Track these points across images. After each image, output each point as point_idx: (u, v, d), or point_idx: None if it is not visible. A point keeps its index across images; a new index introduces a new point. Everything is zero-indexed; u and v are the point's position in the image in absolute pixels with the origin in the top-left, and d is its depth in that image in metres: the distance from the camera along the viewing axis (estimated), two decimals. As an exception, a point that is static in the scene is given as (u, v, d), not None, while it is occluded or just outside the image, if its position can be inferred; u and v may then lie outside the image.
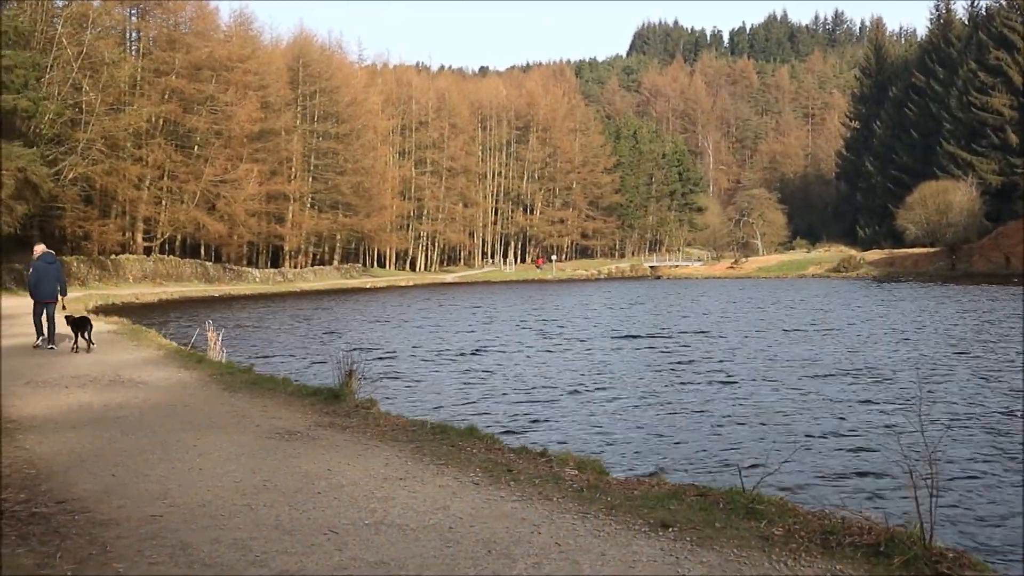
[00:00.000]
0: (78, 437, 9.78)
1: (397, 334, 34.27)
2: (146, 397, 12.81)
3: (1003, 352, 25.12)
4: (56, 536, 6.20)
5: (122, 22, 68.70)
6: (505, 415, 16.12)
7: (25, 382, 14.13)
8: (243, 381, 14.46)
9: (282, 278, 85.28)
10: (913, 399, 16.68)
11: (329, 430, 10.37)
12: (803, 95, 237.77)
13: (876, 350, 26.51)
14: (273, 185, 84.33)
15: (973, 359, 23.72)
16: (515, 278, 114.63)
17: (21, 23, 46.91)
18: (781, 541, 6.19)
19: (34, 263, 19.98)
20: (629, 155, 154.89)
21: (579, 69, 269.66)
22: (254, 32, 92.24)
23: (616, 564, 5.77)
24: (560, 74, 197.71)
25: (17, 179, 44.65)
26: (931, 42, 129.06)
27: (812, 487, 10.89)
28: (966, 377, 20.30)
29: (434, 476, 8.12)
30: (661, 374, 21.86)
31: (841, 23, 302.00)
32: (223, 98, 73.63)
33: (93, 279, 58.32)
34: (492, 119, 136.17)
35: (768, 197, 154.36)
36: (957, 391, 18.29)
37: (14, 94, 43.88)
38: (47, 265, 19.90)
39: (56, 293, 19.91)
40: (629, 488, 7.93)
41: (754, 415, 15.92)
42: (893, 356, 24.83)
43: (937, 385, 19.05)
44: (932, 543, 5.90)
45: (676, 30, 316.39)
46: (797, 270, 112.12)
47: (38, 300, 19.86)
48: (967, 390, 18.40)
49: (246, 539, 6.21)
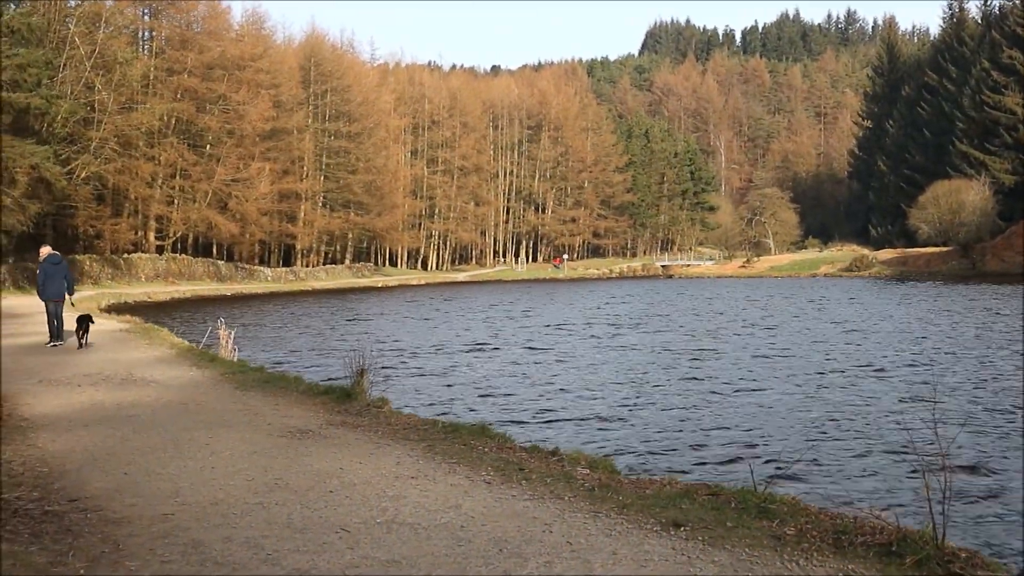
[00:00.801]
0: (90, 435, 9.82)
1: (409, 332, 34.29)
2: (158, 396, 12.84)
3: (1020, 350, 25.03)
4: (68, 534, 6.22)
5: (135, 21, 68.83)
6: (518, 412, 16.12)
7: (38, 380, 14.19)
8: (255, 380, 14.49)
9: (294, 277, 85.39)
10: (927, 398, 16.64)
11: (341, 429, 10.38)
12: (815, 94, 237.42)
13: (889, 349, 26.44)
14: (285, 184, 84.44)
15: (987, 358, 23.64)
16: (527, 277, 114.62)
17: (34, 21, 47.00)
18: (793, 541, 6.17)
19: (41, 264, 20.65)
20: (641, 154, 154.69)
21: (591, 68, 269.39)
22: (266, 31, 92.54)
23: (628, 563, 5.76)
24: (572, 73, 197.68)
25: (31, 177, 44.83)
26: (944, 41, 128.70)
27: (824, 486, 10.85)
28: (980, 376, 20.23)
29: (446, 475, 8.12)
30: (673, 372, 21.82)
31: (854, 22, 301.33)
32: (235, 97, 73.71)
33: (105, 278, 58.49)
34: (504, 118, 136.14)
35: (780, 196, 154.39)
36: (970, 390, 18.23)
37: (27, 92, 44.01)
38: (53, 266, 20.52)
39: (63, 292, 20.47)
40: (641, 487, 7.93)
41: (765, 414, 15.88)
42: (906, 355, 24.77)
43: (950, 384, 18.99)
44: (944, 543, 5.88)
45: (688, 29, 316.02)
46: (809, 269, 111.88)
47: (46, 300, 20.35)
48: (981, 388, 18.33)
49: (258, 537, 6.22)
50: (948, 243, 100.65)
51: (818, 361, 23.82)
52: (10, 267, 46.83)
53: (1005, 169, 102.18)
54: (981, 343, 27.73)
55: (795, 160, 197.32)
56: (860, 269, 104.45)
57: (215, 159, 73.00)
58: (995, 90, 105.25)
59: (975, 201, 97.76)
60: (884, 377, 20.45)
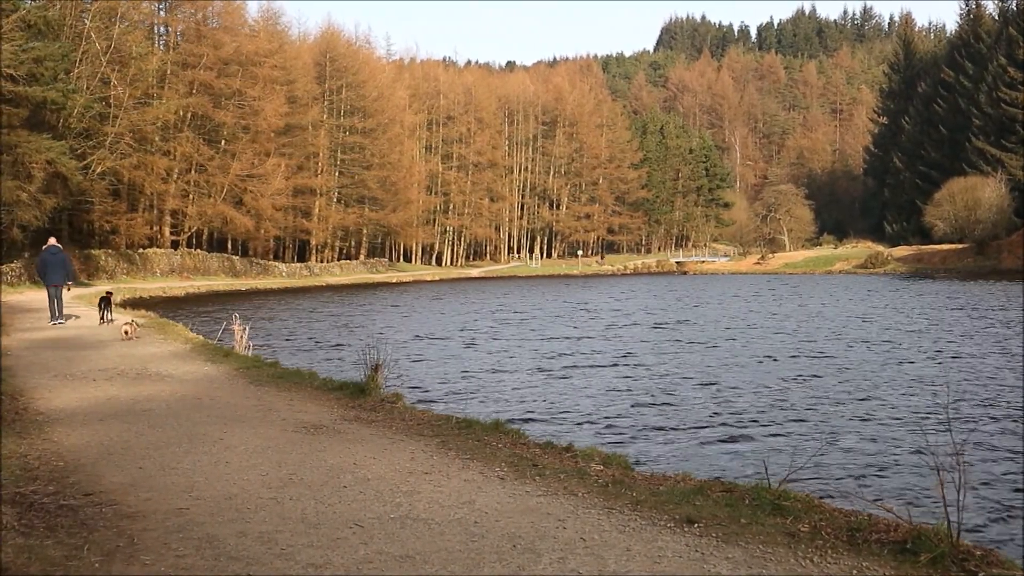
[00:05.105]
0: (106, 430, 9.84)
1: (422, 327, 34.33)
2: (173, 390, 12.87)
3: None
4: (84, 528, 6.23)
5: (150, 16, 69.02)
6: (532, 408, 16.14)
7: (53, 375, 14.24)
8: (269, 375, 14.52)
9: (308, 272, 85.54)
10: (941, 396, 16.60)
11: (355, 424, 10.40)
12: (831, 90, 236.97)
13: (903, 347, 26.38)
14: (300, 180, 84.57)
15: (1006, 355, 23.56)
16: (542, 273, 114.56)
17: (50, 15, 47.10)
18: (807, 538, 6.15)
19: (42, 255, 24.48)
20: (656, 150, 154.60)
21: (606, 64, 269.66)
22: (282, 27, 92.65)
23: (641, 560, 5.76)
24: (587, 69, 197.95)
25: (47, 172, 44.96)
26: (960, 37, 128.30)
27: (838, 483, 10.83)
28: (997, 373, 20.16)
29: (460, 470, 8.13)
30: (687, 369, 21.82)
31: (869, 18, 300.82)
32: (251, 93, 73.77)
33: (121, 273, 58.68)
34: (519, 114, 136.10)
35: (795, 193, 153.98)
36: (986, 387, 18.17)
37: (43, 86, 44.10)
38: (52, 256, 23.99)
39: (63, 279, 24.19)
40: (655, 483, 7.92)
41: (780, 411, 15.87)
42: (921, 352, 24.72)
43: (966, 381, 18.94)
44: (959, 541, 5.86)
45: (703, 25, 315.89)
46: (824, 266, 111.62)
47: (48, 285, 24.19)
48: (997, 386, 18.28)
49: (272, 532, 6.23)
50: (964, 240, 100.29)
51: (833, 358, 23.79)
52: (26, 262, 46.90)
53: (1021, 166, 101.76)
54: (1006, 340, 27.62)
55: (810, 156, 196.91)
56: (875, 266, 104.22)
57: (230, 154, 73.11)
58: (1012, 87, 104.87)
59: (991, 198, 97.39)
60: (899, 375, 20.42)
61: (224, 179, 71.29)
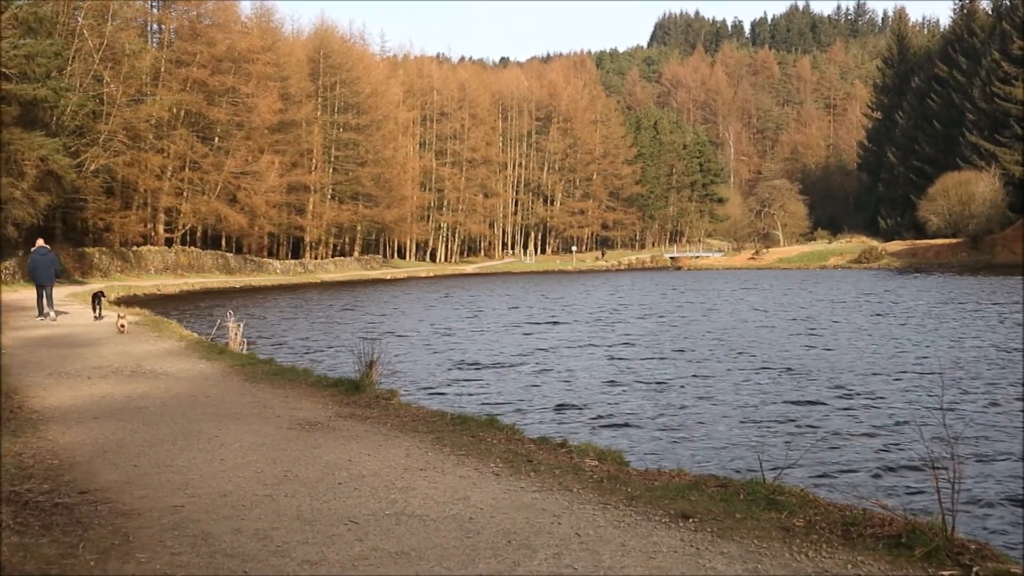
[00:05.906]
0: (100, 428, 9.83)
1: (417, 323, 34.34)
2: (168, 388, 12.86)
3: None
4: (79, 526, 6.23)
5: (143, 14, 68.96)
6: (527, 405, 16.15)
7: (48, 373, 14.22)
8: (264, 372, 14.52)
9: (303, 269, 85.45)
10: (936, 390, 16.63)
11: (350, 421, 10.40)
12: (825, 86, 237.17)
13: (899, 342, 26.44)
14: (294, 176, 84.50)
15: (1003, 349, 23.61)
16: (536, 269, 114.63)
17: (42, 12, 46.95)
18: (802, 532, 6.16)
19: (32, 255, 25.27)
20: (650, 146, 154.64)
21: (600, 60, 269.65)
22: (275, 24, 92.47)
23: (636, 555, 5.76)
24: (581, 65, 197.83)
25: (40, 170, 44.84)
26: (954, 32, 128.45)
27: (833, 478, 10.86)
28: (992, 368, 20.20)
29: (455, 467, 8.13)
30: (683, 366, 21.85)
31: (863, 13, 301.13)
32: (244, 90, 73.69)
33: (115, 270, 58.62)
34: (513, 110, 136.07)
35: (789, 188, 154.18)
36: (981, 383, 18.20)
37: (35, 84, 43.98)
38: (41, 256, 24.78)
39: (52, 278, 24.98)
40: (649, 479, 7.93)
41: (775, 407, 15.89)
42: (915, 348, 24.77)
43: (960, 377, 18.97)
44: (954, 535, 5.87)
45: (697, 20, 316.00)
46: (818, 261, 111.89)
47: (37, 284, 24.92)
48: (992, 382, 18.31)
49: (267, 529, 6.23)
50: (958, 235, 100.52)
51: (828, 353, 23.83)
52: (20, 260, 46.80)
53: (1015, 160, 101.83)
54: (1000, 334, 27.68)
55: (804, 152, 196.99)
56: (869, 261, 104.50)
57: (224, 151, 73.11)
58: (1005, 81, 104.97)
59: (985, 193, 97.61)
60: (893, 371, 20.45)
61: (218, 176, 71.24)
